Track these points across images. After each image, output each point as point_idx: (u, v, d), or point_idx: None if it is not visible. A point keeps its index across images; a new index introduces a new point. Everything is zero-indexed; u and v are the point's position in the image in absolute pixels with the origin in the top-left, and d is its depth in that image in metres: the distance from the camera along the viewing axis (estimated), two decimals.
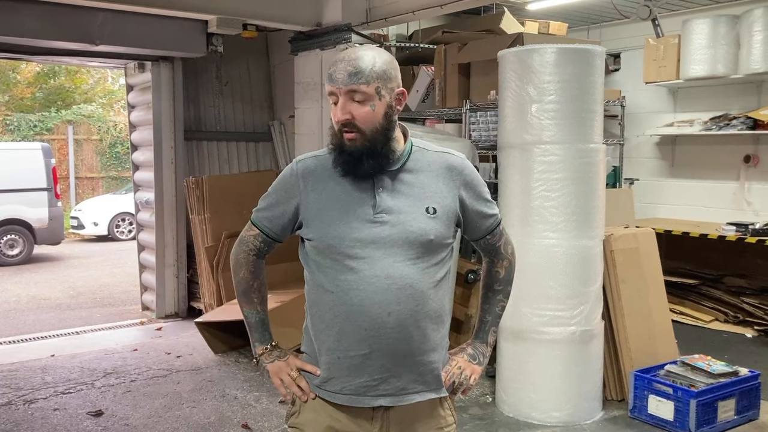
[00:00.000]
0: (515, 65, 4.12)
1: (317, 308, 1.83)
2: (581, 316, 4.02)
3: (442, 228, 1.79)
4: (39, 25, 5.21)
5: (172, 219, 6.64)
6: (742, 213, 6.69)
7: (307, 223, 1.83)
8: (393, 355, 1.76)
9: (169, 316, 6.71)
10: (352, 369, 1.78)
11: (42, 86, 17.43)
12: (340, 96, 1.72)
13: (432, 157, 1.85)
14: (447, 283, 1.87)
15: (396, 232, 1.75)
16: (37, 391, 4.70)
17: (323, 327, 1.82)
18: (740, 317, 6.16)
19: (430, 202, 1.79)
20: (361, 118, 1.72)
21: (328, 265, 1.79)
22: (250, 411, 4.33)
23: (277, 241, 1.96)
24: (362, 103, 1.72)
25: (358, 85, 1.70)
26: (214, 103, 7.15)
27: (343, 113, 1.72)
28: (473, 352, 1.95)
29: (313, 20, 5.79)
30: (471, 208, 1.87)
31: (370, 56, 1.73)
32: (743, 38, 6.30)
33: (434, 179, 1.82)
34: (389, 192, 1.78)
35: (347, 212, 1.77)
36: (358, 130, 1.73)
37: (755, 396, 4.11)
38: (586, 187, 4.04)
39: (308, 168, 1.85)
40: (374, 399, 1.78)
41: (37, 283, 9.14)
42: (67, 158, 16.06)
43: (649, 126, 7.40)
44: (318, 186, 1.82)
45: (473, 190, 1.87)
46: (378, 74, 1.72)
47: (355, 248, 1.75)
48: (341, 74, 1.71)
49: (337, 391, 1.81)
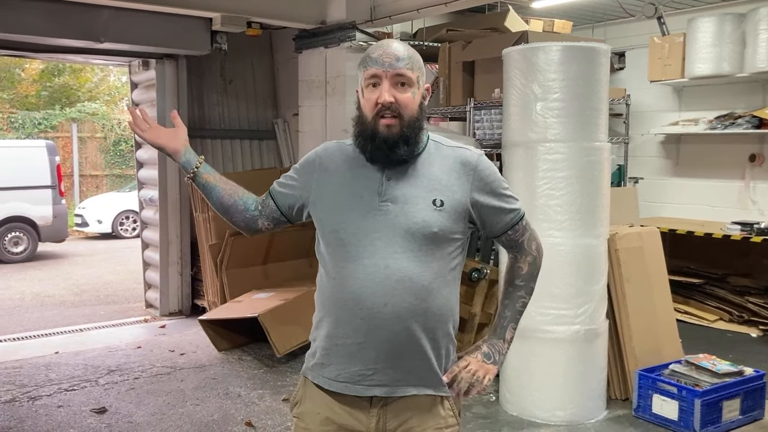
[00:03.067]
0: (520, 63, 4.10)
1: (321, 294, 1.86)
2: (585, 315, 4.01)
3: (448, 222, 1.77)
4: (43, 23, 5.22)
5: (176, 217, 6.64)
6: (747, 212, 6.67)
7: (316, 205, 1.87)
8: (388, 346, 1.75)
9: (173, 313, 6.72)
10: (347, 357, 1.79)
11: (46, 84, 17.46)
12: (385, 79, 1.75)
13: (447, 152, 1.85)
14: (454, 280, 1.85)
15: (398, 222, 1.75)
16: (41, 388, 4.71)
17: (324, 313, 1.84)
18: (745, 317, 6.14)
19: (438, 194, 1.78)
20: (404, 103, 1.75)
21: (332, 251, 1.81)
22: (253, 409, 4.33)
23: (282, 212, 1.96)
24: (405, 89, 1.76)
25: (405, 69, 1.75)
26: (218, 101, 7.15)
27: (389, 95, 1.74)
28: (488, 351, 1.88)
29: (317, 18, 5.79)
30: (485, 204, 1.83)
31: (408, 47, 1.80)
32: (749, 37, 6.28)
33: (446, 172, 1.81)
34: (397, 181, 1.78)
35: (354, 199, 1.79)
36: (399, 115, 1.75)
37: (760, 396, 4.10)
38: (591, 185, 4.02)
39: (329, 151, 1.91)
40: (368, 389, 1.79)
41: (41, 281, 9.16)
42: (71, 156, 16.07)
43: (654, 125, 7.38)
44: (333, 170, 1.86)
45: (488, 186, 1.84)
46: (419, 64, 1.80)
47: (357, 236, 1.76)
48: (389, 58, 1.74)
49: (332, 378, 1.82)
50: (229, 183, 2.01)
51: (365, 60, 1.78)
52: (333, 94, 5.78)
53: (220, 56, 6.56)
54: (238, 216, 1.98)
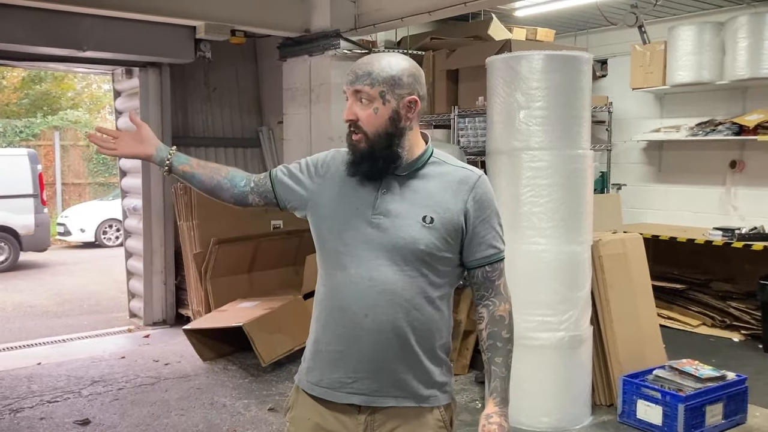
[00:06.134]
0: (503, 72, 4.13)
1: (315, 299, 1.91)
2: (570, 321, 4.03)
3: (437, 240, 1.76)
4: (25, 31, 5.17)
5: (160, 225, 6.60)
6: (729, 218, 6.74)
7: (314, 211, 1.89)
8: (368, 357, 1.77)
9: (157, 323, 6.67)
10: (330, 363, 1.82)
11: (28, 92, 17.31)
12: (349, 95, 1.79)
13: (448, 169, 1.84)
14: (441, 300, 1.82)
15: (386, 236, 1.76)
16: (23, 400, 4.65)
17: (315, 318, 1.88)
18: (727, 321, 6.20)
19: (429, 211, 1.77)
20: (364, 120, 1.77)
21: (325, 258, 1.85)
22: (239, 419, 4.30)
23: (276, 198, 1.95)
24: (366, 105, 1.76)
25: (362, 86, 1.76)
26: (202, 108, 7.13)
27: (348, 113, 1.79)
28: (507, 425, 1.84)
29: (301, 26, 5.80)
30: (473, 225, 1.80)
31: (385, 61, 1.77)
32: (728, 45, 6.37)
33: (442, 190, 1.80)
34: (393, 196, 1.79)
35: (349, 210, 1.80)
36: (362, 131, 1.77)
37: (742, 400, 4.14)
38: (574, 192, 4.06)
39: (337, 161, 1.90)
40: (348, 396, 1.80)
41: (23, 291, 9.06)
42: (54, 164, 15.93)
43: (636, 131, 7.45)
44: (336, 179, 1.87)
45: (482, 210, 1.80)
46: (384, 79, 1.75)
47: (348, 246, 1.78)
48: (351, 75, 1.78)
49: (315, 382, 1.85)
50: (207, 166, 1.99)
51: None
52: (317, 102, 5.79)
53: (204, 64, 6.55)
54: (224, 194, 1.98)
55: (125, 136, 2.00)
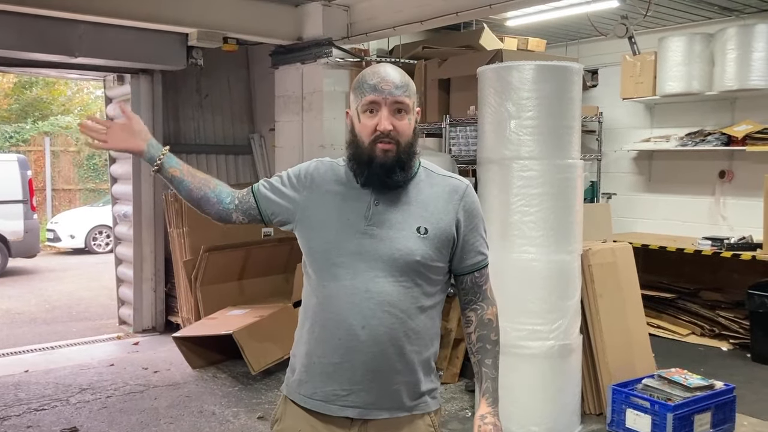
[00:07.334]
0: (494, 82, 4.16)
1: (304, 310, 1.88)
2: (559, 330, 4.04)
3: (430, 250, 1.78)
4: (18, 37, 5.16)
5: (150, 232, 6.59)
6: (718, 228, 6.79)
7: (302, 223, 1.87)
8: (364, 369, 1.76)
9: (147, 330, 6.64)
10: (324, 376, 1.80)
11: (18, 97, 17.24)
12: (384, 106, 1.75)
13: (437, 180, 1.86)
14: (434, 310, 1.85)
15: (382, 248, 1.76)
16: (10, 408, 4.62)
17: (305, 330, 1.85)
18: (716, 330, 6.23)
19: (423, 222, 1.78)
20: (401, 130, 1.77)
21: (317, 270, 1.82)
22: (228, 427, 4.28)
23: (261, 214, 1.93)
24: (402, 115, 1.77)
25: (403, 96, 1.76)
26: (194, 116, 7.13)
27: (386, 123, 1.75)
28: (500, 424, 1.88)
29: (293, 34, 5.81)
30: (463, 234, 1.84)
31: (402, 72, 1.81)
32: (717, 56, 6.43)
33: (434, 199, 1.82)
34: (386, 206, 1.79)
35: (341, 220, 1.79)
36: (396, 141, 1.76)
37: (730, 409, 4.15)
38: (564, 202, 4.07)
39: (321, 171, 1.89)
40: (342, 409, 1.79)
41: (12, 297, 8.99)
42: (44, 170, 15.85)
43: (627, 141, 7.50)
44: (323, 189, 1.85)
45: (471, 219, 1.85)
46: (413, 89, 1.80)
47: (341, 257, 1.77)
48: (387, 86, 1.75)
49: (308, 395, 1.83)
50: (197, 176, 1.95)
51: (362, 86, 1.78)
52: (309, 109, 5.80)
53: (195, 71, 6.55)
54: (210, 208, 1.94)
55: (117, 127, 1.94)
